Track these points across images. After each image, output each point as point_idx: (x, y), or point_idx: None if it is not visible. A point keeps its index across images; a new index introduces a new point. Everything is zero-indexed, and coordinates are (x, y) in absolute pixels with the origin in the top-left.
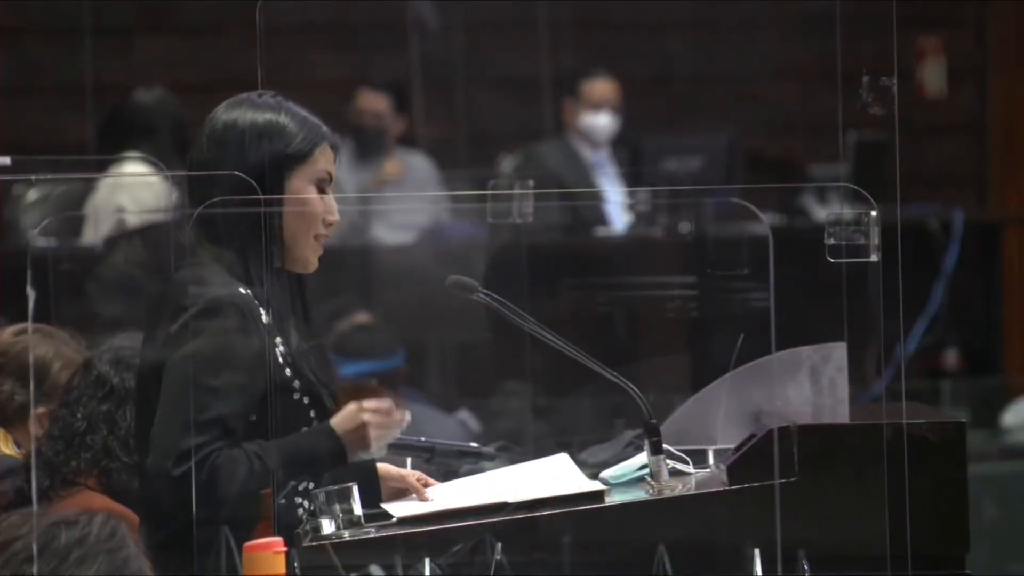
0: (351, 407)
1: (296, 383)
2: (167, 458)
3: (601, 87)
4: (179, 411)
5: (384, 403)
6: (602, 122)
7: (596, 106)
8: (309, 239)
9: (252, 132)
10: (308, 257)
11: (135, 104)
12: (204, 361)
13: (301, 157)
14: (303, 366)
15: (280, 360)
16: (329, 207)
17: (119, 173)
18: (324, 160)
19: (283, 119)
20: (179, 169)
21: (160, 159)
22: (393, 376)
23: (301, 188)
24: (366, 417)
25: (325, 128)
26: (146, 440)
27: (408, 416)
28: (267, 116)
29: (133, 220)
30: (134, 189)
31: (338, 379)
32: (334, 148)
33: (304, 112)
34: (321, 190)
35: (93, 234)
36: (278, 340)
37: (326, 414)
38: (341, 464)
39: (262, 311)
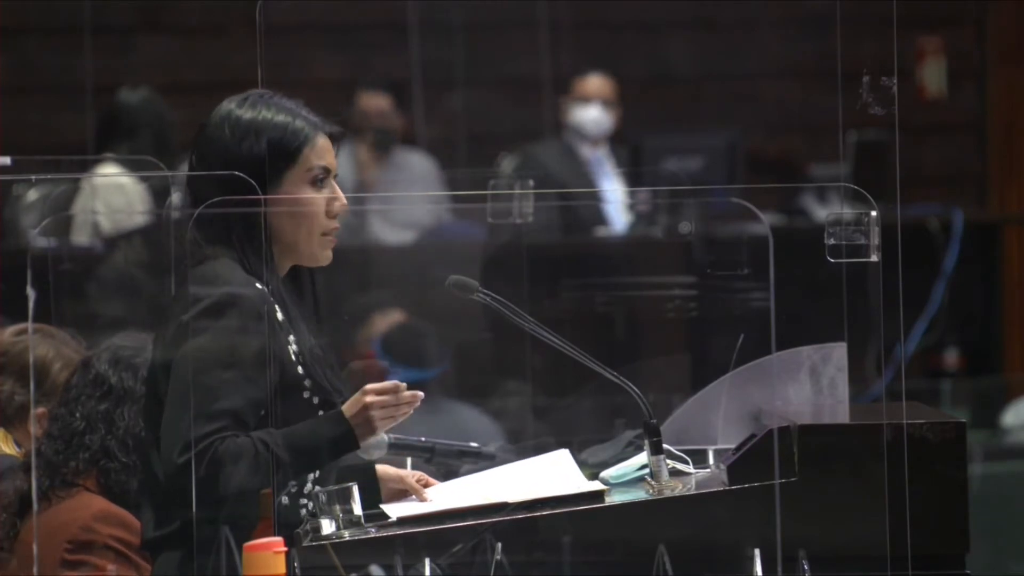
0: (358, 393)
1: (307, 382)
2: (174, 447)
3: (593, 82)
4: (188, 402)
5: (389, 384)
6: (592, 115)
7: (586, 100)
8: (314, 237)
9: (238, 133)
10: (316, 253)
11: (119, 104)
12: (216, 354)
13: (288, 159)
14: (316, 369)
15: (292, 358)
16: (331, 198)
17: (95, 174)
18: (315, 156)
19: (265, 121)
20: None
21: (141, 160)
22: (436, 383)
23: (293, 190)
24: (368, 399)
25: (312, 123)
26: (153, 436)
27: (420, 395)
28: (249, 117)
29: (107, 223)
30: (105, 192)
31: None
32: (333, 138)
33: (289, 109)
34: (319, 185)
35: (77, 237)
36: (291, 338)
37: None
38: (351, 450)
39: (277, 308)
